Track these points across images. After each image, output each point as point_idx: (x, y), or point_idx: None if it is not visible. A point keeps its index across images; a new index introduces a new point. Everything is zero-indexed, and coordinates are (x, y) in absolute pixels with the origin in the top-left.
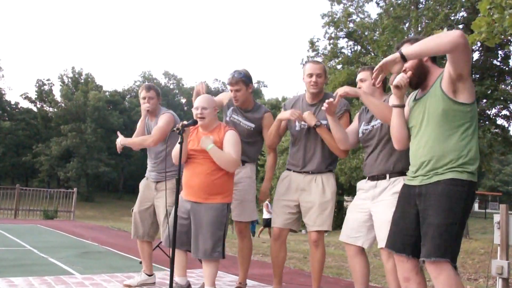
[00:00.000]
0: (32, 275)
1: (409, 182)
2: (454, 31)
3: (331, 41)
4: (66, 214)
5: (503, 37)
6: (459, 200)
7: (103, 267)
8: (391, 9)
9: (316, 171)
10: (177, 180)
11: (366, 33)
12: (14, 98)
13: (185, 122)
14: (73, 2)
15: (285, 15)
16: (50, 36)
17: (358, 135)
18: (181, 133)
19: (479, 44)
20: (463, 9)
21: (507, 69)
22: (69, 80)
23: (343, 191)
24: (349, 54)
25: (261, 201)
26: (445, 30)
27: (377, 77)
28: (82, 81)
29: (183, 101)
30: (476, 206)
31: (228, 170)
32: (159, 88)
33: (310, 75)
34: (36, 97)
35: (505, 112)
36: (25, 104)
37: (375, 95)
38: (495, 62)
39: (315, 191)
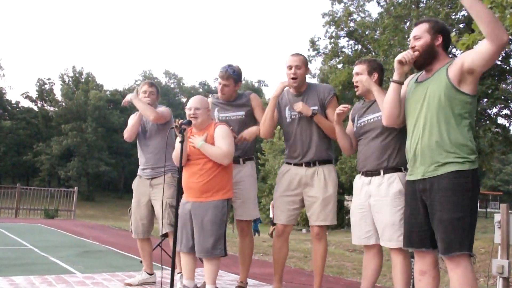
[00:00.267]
0: (33, 274)
1: (411, 177)
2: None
3: (332, 40)
4: (66, 213)
5: None
6: (465, 192)
7: (104, 266)
8: (392, 8)
9: (316, 158)
10: (178, 179)
11: (366, 32)
12: (14, 97)
13: (182, 120)
14: (74, 1)
15: (286, 14)
16: (50, 35)
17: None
18: (182, 132)
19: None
20: (463, 8)
21: (508, 68)
22: (70, 79)
23: (344, 190)
24: (350, 53)
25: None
26: None
27: None
28: (82, 80)
29: (184, 100)
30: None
31: (222, 163)
32: (159, 87)
33: (289, 67)
34: (36, 96)
35: (506, 111)
36: (25, 103)
37: (370, 90)
38: (496, 61)
39: (318, 186)
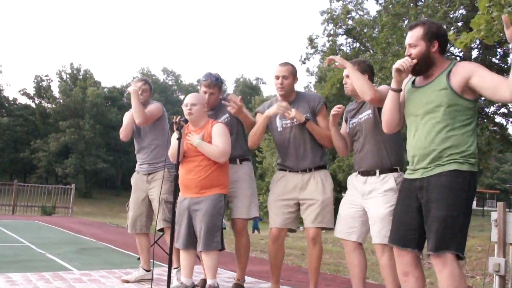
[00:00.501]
0: (30, 271)
1: (409, 176)
2: None
3: (330, 38)
4: (64, 210)
5: (502, 35)
6: (461, 191)
7: (101, 263)
8: (390, 6)
9: (312, 166)
10: (176, 177)
11: (365, 30)
12: (12, 94)
13: (181, 117)
14: None
15: (284, 12)
16: (48, 32)
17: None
18: (179, 128)
19: (478, 42)
20: (462, 7)
21: (506, 67)
22: (68, 76)
23: (341, 188)
24: (348, 51)
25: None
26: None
27: None
28: (80, 77)
29: (182, 97)
30: (474, 203)
31: (219, 161)
32: (157, 84)
33: (276, 77)
34: (34, 93)
35: (503, 110)
36: (23, 100)
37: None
38: (494, 60)
39: (316, 188)
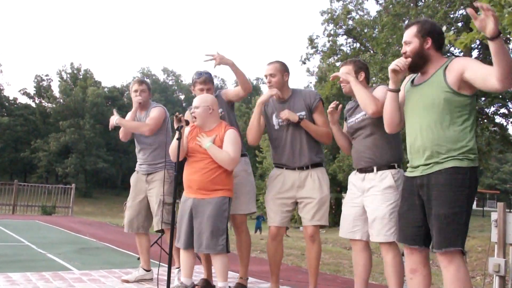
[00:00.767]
0: (30, 270)
1: (409, 174)
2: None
3: (330, 38)
4: (64, 210)
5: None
6: (461, 188)
7: (101, 263)
8: (391, 6)
9: (308, 163)
10: (175, 176)
11: (365, 31)
12: (12, 93)
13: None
14: None
15: (285, 12)
16: (48, 32)
17: None
18: (179, 129)
19: (478, 42)
20: (462, 7)
21: None
22: (68, 76)
23: (341, 188)
24: (348, 51)
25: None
26: (444, 28)
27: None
28: (80, 77)
29: (182, 97)
30: (474, 204)
31: (227, 168)
32: (157, 84)
33: (265, 76)
34: (34, 92)
35: (503, 110)
36: (23, 99)
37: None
38: None
39: (313, 187)
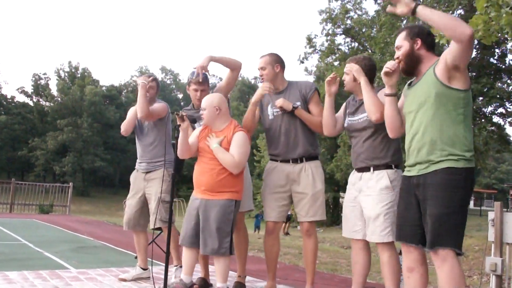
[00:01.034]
0: (27, 269)
1: (407, 173)
2: (469, 26)
3: (329, 38)
4: (61, 208)
5: (499, 35)
6: (456, 188)
7: (98, 261)
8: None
9: (303, 155)
10: (173, 175)
11: (363, 30)
12: (10, 92)
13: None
14: None
15: (283, 11)
16: (46, 30)
17: (343, 123)
18: (177, 127)
19: (476, 42)
20: (460, 7)
21: (503, 67)
22: (66, 74)
23: (339, 187)
24: (346, 50)
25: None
26: None
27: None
28: (78, 75)
29: (180, 96)
30: (471, 203)
31: (231, 171)
32: None
33: (258, 70)
34: (32, 91)
35: (501, 110)
36: (21, 98)
37: (357, 88)
38: (491, 60)
39: (306, 182)
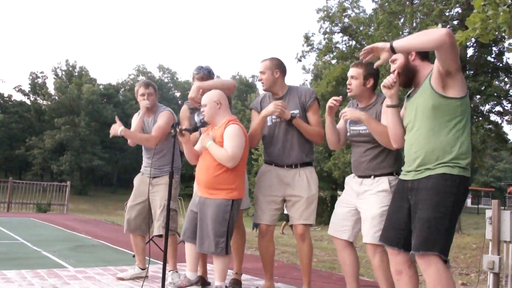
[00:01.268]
0: (25, 268)
1: (403, 177)
2: (441, 29)
3: (326, 36)
4: (59, 207)
5: (497, 33)
6: (448, 194)
7: (96, 260)
8: (386, 4)
9: (298, 162)
10: (170, 174)
11: (361, 28)
12: (7, 90)
13: (184, 127)
14: None
15: (280, 9)
16: (44, 28)
17: (345, 134)
18: (174, 135)
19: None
20: (457, 5)
21: (501, 65)
22: (63, 73)
23: (337, 186)
24: (344, 49)
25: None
26: (439, 26)
27: (366, 56)
28: (76, 74)
29: (178, 94)
30: (468, 201)
31: (226, 165)
32: (153, 81)
33: (258, 73)
34: (29, 90)
35: (498, 108)
36: (18, 96)
37: (364, 94)
38: (489, 58)
39: (301, 185)
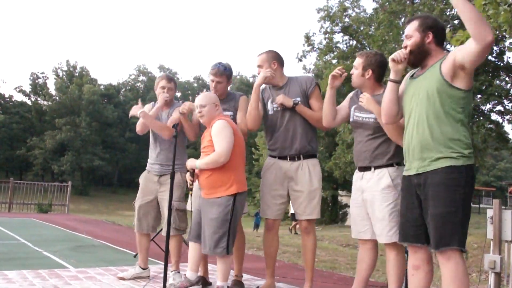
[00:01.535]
0: (26, 268)
1: (407, 172)
2: (491, 30)
3: (327, 36)
4: (60, 207)
5: (498, 33)
6: (457, 187)
7: (97, 260)
8: (387, 4)
9: (300, 150)
10: (172, 174)
11: (361, 28)
12: (8, 91)
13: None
14: None
15: (281, 9)
16: (44, 29)
17: (345, 115)
18: (175, 134)
19: None
20: None
21: (502, 64)
22: (64, 73)
23: (338, 185)
24: (345, 48)
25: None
26: None
27: None
28: (76, 74)
29: (178, 94)
30: None
31: (221, 162)
32: (154, 81)
33: (257, 68)
34: (30, 90)
35: (499, 107)
36: (19, 97)
37: (365, 85)
38: (490, 57)
39: (303, 180)
